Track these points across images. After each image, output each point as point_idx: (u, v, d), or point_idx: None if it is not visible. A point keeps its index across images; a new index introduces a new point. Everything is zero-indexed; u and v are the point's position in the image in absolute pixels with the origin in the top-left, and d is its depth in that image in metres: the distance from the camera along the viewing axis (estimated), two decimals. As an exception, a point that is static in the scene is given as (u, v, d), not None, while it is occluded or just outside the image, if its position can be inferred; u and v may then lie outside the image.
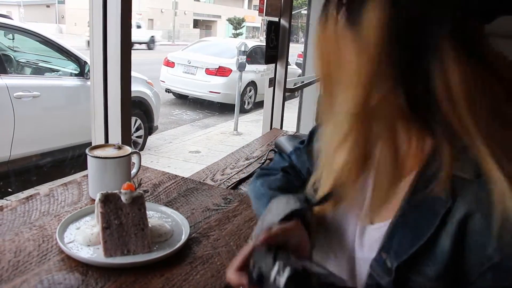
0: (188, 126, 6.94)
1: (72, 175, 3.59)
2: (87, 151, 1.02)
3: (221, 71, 7.84)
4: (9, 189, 3.47)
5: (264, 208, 0.71)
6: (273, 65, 2.34)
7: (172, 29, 30.76)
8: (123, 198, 0.83)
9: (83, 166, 1.08)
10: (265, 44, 2.22)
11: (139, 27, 22.07)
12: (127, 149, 1.06)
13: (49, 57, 4.11)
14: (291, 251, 0.55)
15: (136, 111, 4.54)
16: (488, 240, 0.48)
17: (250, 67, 7.33)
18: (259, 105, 7.93)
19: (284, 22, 2.28)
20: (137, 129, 4.71)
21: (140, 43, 18.37)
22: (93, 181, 1.04)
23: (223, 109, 7.95)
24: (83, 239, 0.83)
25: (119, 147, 1.07)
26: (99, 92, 1.29)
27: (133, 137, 4.58)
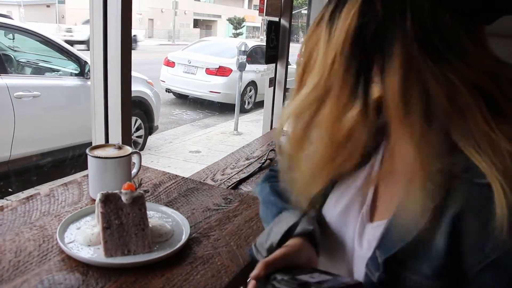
0: (188, 126, 6.94)
1: (72, 175, 3.59)
2: (87, 151, 1.02)
3: (221, 71, 7.84)
4: (10, 189, 3.47)
5: (271, 217, 0.73)
6: (273, 65, 2.34)
7: (172, 29, 30.77)
8: (124, 198, 0.83)
9: (84, 166, 1.08)
10: (265, 44, 2.22)
11: None
12: (128, 149, 1.06)
13: (49, 57, 4.11)
14: (295, 267, 0.58)
15: (136, 111, 4.54)
16: (484, 238, 0.48)
17: (250, 67, 7.33)
18: (259, 105, 7.93)
19: (284, 22, 2.28)
20: (137, 129, 4.71)
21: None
22: (94, 181, 1.04)
23: (223, 109, 7.95)
24: (84, 239, 0.83)
25: (120, 147, 1.07)
26: (99, 92, 1.29)
27: (133, 137, 4.58)
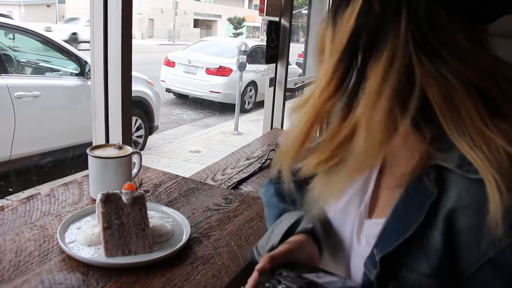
0: (188, 125, 6.94)
1: (72, 175, 3.59)
2: (88, 151, 1.02)
3: (222, 71, 7.84)
4: (10, 189, 3.47)
5: (273, 219, 0.74)
6: (274, 64, 2.34)
7: (172, 29, 30.76)
8: (124, 198, 0.83)
9: (84, 166, 1.08)
10: (265, 43, 2.22)
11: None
12: (128, 149, 1.06)
13: (50, 57, 4.11)
14: (299, 265, 0.58)
15: (136, 111, 4.54)
16: (480, 236, 0.48)
17: (250, 66, 7.33)
18: (259, 105, 7.93)
19: (284, 22, 2.28)
20: (138, 129, 4.71)
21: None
22: (94, 181, 1.04)
23: (223, 109, 7.95)
24: (84, 239, 0.83)
25: (120, 147, 1.07)
26: (99, 92, 1.30)
27: (134, 137, 4.58)
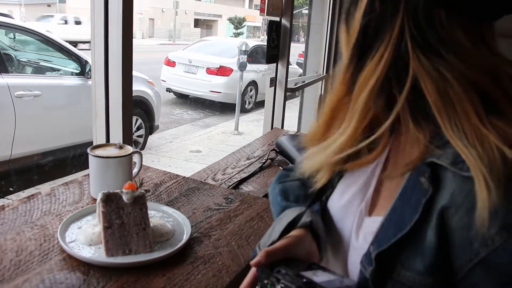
0: (189, 125, 6.95)
1: (73, 175, 3.59)
2: (88, 150, 1.02)
3: (222, 71, 7.84)
4: (10, 189, 3.48)
5: (276, 217, 0.75)
6: (274, 64, 2.34)
7: (173, 29, 30.76)
8: (125, 197, 0.83)
9: (84, 165, 1.08)
10: (266, 43, 2.22)
11: (78, 23, 17.59)
12: (129, 149, 1.06)
13: (50, 56, 4.11)
14: (296, 260, 0.59)
15: (137, 111, 4.54)
16: (472, 235, 0.47)
17: (251, 66, 7.34)
18: (260, 104, 7.94)
19: (285, 21, 2.28)
20: (138, 129, 4.72)
21: (83, 42, 12.95)
22: (95, 180, 1.04)
23: (224, 108, 7.96)
24: (85, 239, 0.83)
25: (121, 147, 1.07)
26: (100, 91, 1.29)
27: (134, 136, 4.58)
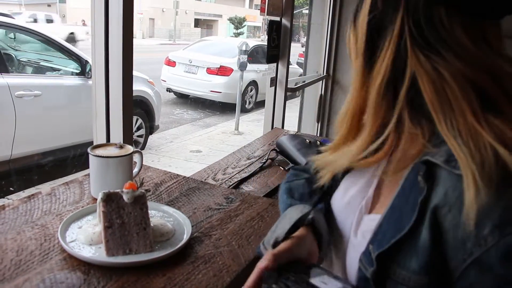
0: (189, 125, 6.95)
1: (73, 174, 3.59)
2: (89, 150, 1.02)
3: (222, 71, 7.84)
4: (11, 188, 3.48)
5: (281, 215, 0.75)
6: (275, 64, 2.34)
7: (173, 29, 30.76)
8: (125, 197, 0.83)
9: (85, 165, 1.08)
10: (266, 43, 2.22)
11: (50, 21, 16.57)
12: (129, 148, 1.06)
13: (51, 56, 4.12)
14: (302, 263, 0.60)
15: (137, 110, 4.54)
16: (465, 234, 0.47)
17: (251, 66, 7.33)
18: (260, 104, 7.94)
19: (285, 21, 2.28)
20: (138, 128, 4.72)
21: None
22: (95, 180, 1.04)
23: (224, 108, 7.96)
24: (85, 238, 0.83)
25: (121, 146, 1.07)
26: (100, 91, 1.29)
27: (134, 136, 4.58)
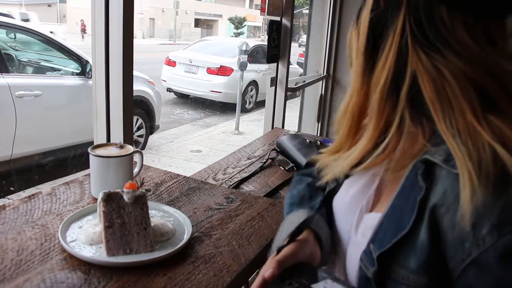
0: (189, 125, 6.95)
1: (74, 174, 3.59)
2: (89, 150, 1.02)
3: (223, 71, 7.84)
4: (11, 188, 3.48)
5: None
6: (275, 64, 2.34)
7: (173, 28, 30.77)
8: (126, 197, 0.83)
9: (85, 165, 1.08)
10: (266, 43, 2.22)
11: (25, 20, 14.78)
12: (129, 148, 1.06)
13: (51, 56, 4.12)
14: (304, 267, 0.61)
15: (137, 110, 4.54)
16: (464, 234, 0.47)
17: (251, 66, 7.33)
18: (260, 104, 7.94)
19: (286, 21, 2.28)
20: (139, 128, 4.72)
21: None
22: (96, 180, 1.04)
23: (224, 108, 7.96)
24: (86, 238, 0.83)
25: (121, 146, 1.07)
26: (101, 91, 1.29)
27: (135, 136, 4.58)
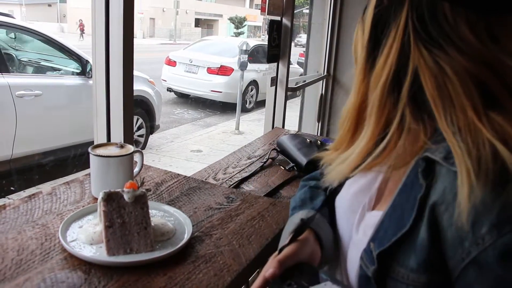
0: (189, 125, 6.95)
1: (74, 174, 3.59)
2: (89, 149, 1.02)
3: (223, 70, 7.84)
4: (12, 188, 3.48)
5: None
6: (275, 64, 2.34)
7: (173, 28, 30.77)
8: (126, 196, 0.83)
9: (85, 165, 1.08)
10: (266, 43, 2.22)
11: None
12: (130, 148, 1.06)
13: (51, 56, 4.12)
14: (304, 267, 0.61)
15: (138, 110, 4.54)
16: (463, 233, 0.47)
17: (251, 66, 7.34)
18: (260, 104, 7.94)
19: (286, 21, 2.28)
20: (139, 128, 4.72)
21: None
22: (96, 179, 1.04)
23: (224, 108, 7.96)
24: (86, 238, 0.83)
25: (122, 146, 1.07)
26: (101, 91, 1.29)
27: (135, 136, 4.58)
